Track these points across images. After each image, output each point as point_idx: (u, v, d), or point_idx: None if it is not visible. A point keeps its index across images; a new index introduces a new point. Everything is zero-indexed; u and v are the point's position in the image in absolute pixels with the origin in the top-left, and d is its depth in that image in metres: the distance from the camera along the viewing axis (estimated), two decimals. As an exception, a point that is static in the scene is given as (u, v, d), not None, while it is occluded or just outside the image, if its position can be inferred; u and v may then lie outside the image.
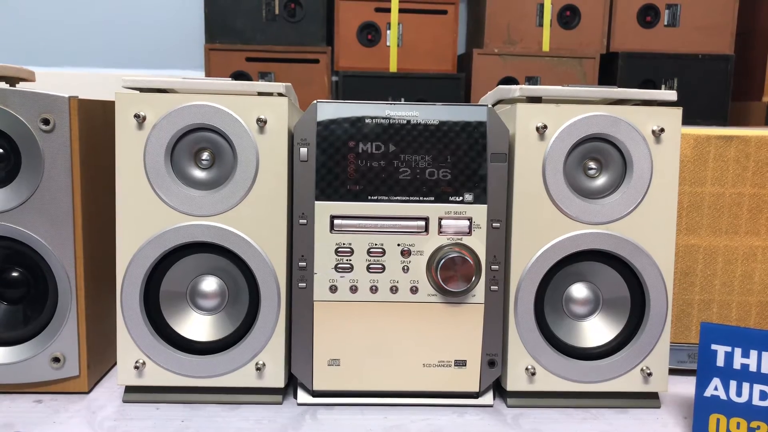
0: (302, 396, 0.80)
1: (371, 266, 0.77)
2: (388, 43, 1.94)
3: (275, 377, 0.79)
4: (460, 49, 2.18)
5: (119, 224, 0.76)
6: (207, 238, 0.76)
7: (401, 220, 0.77)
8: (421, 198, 0.77)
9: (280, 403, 0.80)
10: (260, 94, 0.77)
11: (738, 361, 0.69)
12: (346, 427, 0.74)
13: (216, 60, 1.90)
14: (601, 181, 0.79)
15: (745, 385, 0.69)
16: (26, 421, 0.74)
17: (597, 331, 0.81)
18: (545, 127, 0.76)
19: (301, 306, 0.78)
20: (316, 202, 0.76)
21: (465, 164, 0.77)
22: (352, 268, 0.77)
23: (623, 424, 0.77)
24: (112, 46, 2.14)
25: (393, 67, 1.95)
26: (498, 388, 0.83)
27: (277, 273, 0.77)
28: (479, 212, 0.77)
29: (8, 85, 0.83)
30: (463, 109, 0.77)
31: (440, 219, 0.77)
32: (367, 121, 0.77)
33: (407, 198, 0.77)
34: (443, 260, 0.75)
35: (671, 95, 0.78)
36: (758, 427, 0.68)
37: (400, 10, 1.93)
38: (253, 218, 0.76)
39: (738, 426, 0.69)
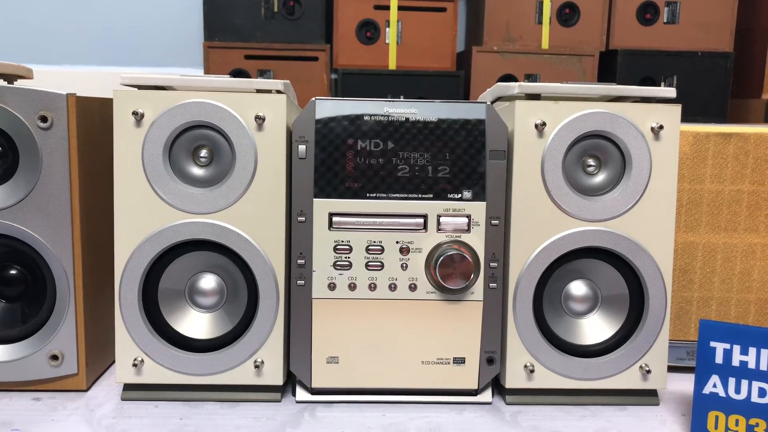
0: (301, 394, 0.80)
1: (370, 264, 0.77)
2: (387, 41, 1.94)
3: (274, 375, 0.78)
4: (460, 46, 2.17)
5: (117, 222, 0.76)
6: (205, 235, 0.76)
7: (400, 217, 0.77)
8: (420, 195, 0.77)
9: (279, 401, 0.80)
10: (259, 91, 0.77)
11: (737, 358, 0.69)
12: (345, 425, 0.74)
13: (215, 58, 1.89)
14: (600, 178, 0.79)
15: (744, 382, 0.69)
16: (24, 419, 0.74)
17: (596, 328, 0.81)
18: (544, 124, 0.76)
19: (299, 303, 0.78)
20: (314, 199, 0.76)
21: (464, 161, 0.77)
22: (350, 265, 0.77)
23: (622, 422, 0.77)
24: (110, 43, 2.13)
25: (392, 65, 1.95)
26: (497, 386, 0.83)
27: (275, 270, 0.77)
28: (478, 209, 0.77)
29: (6, 82, 0.83)
30: (462, 106, 0.77)
31: (439, 216, 0.77)
32: (365, 118, 0.76)
33: (406, 195, 0.77)
34: (442, 258, 0.75)
35: (670, 92, 0.78)
36: (757, 424, 0.68)
37: (399, 8, 1.93)
38: (251, 216, 0.76)
39: (737, 423, 0.69)
